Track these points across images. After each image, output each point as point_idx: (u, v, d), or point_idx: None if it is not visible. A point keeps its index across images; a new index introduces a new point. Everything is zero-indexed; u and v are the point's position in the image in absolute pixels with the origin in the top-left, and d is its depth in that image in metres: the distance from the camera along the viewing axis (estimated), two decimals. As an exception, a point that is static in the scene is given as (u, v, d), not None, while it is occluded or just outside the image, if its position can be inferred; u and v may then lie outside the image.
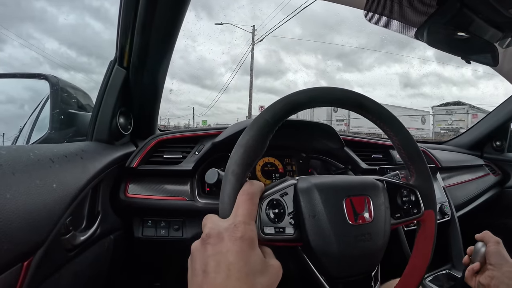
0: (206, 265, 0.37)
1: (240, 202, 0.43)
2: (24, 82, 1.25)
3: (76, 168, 0.70)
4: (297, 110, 0.50)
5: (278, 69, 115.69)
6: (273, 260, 0.42)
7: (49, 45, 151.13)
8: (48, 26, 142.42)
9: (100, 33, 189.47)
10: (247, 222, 0.41)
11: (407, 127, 0.59)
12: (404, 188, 0.59)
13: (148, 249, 1.03)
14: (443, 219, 1.21)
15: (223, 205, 0.44)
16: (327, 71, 65.02)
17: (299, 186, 0.51)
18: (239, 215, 0.41)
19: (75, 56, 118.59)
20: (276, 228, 0.47)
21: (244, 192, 0.44)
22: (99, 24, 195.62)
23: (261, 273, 0.38)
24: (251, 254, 0.39)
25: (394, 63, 47.69)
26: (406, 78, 59.03)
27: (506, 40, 0.62)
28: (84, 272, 0.77)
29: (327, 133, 1.09)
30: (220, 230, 0.40)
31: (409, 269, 0.59)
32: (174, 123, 34.07)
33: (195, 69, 79.73)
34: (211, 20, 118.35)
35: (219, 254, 0.37)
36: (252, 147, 0.46)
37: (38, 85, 1.12)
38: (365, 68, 60.61)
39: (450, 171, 1.52)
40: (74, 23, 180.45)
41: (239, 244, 0.38)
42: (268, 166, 1.14)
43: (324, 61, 67.28)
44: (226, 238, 0.39)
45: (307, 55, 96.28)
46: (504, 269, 0.66)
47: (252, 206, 0.43)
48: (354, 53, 64.82)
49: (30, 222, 0.51)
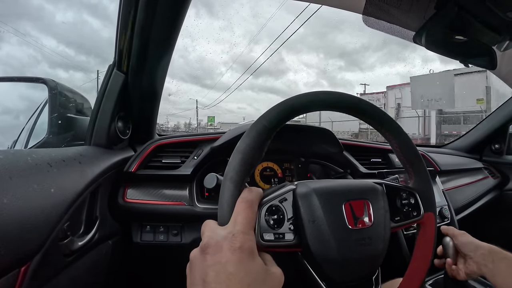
0: (205, 275, 0.37)
1: (239, 210, 0.42)
2: (22, 87, 1.25)
3: (74, 172, 0.69)
4: (295, 114, 0.50)
5: (278, 69, 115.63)
6: (274, 267, 0.42)
7: (46, 42, 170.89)
8: (46, 23, 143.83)
9: (98, 30, 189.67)
10: (246, 232, 0.40)
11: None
12: (403, 191, 0.59)
13: (146, 254, 1.03)
14: (442, 222, 1.21)
15: (222, 212, 0.44)
16: (328, 71, 64.96)
17: (298, 191, 0.50)
18: (238, 224, 0.41)
19: (73, 54, 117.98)
20: (275, 234, 0.47)
21: (243, 199, 0.43)
22: (97, 21, 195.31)
23: (262, 283, 0.38)
24: (251, 264, 0.39)
25: (396, 63, 47.70)
26: (408, 79, 59.96)
27: (504, 43, 0.62)
28: (82, 278, 0.76)
29: (326, 137, 1.09)
30: (218, 239, 0.39)
31: (410, 272, 0.59)
32: (173, 122, 34.06)
33: (194, 68, 79.82)
34: (212, 18, 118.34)
35: (218, 264, 0.37)
36: (250, 154, 0.46)
37: (35, 93, 1.12)
38: (367, 67, 60.29)
39: (449, 174, 1.51)
40: (72, 20, 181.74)
41: (238, 254, 0.38)
42: (267, 170, 1.14)
43: (326, 60, 67.05)
44: (225, 248, 0.38)
45: (308, 54, 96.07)
46: (479, 252, 0.70)
47: (251, 214, 0.43)
48: (356, 52, 64.77)
49: (28, 227, 0.50)
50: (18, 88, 1.27)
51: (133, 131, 1.02)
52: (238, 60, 46.05)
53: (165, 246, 0.96)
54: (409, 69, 62.81)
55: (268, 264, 0.42)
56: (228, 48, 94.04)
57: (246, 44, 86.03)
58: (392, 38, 0.75)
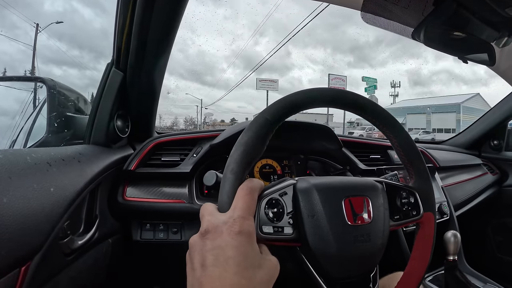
0: (204, 259, 0.38)
1: (239, 196, 0.43)
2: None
3: (74, 171, 0.69)
4: (296, 110, 0.50)
5: (284, 64, 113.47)
6: (270, 256, 0.43)
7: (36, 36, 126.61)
8: (33, 13, 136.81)
9: (91, 21, 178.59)
10: (246, 217, 0.41)
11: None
12: (403, 190, 0.59)
13: (146, 252, 1.03)
14: (442, 218, 1.21)
15: (221, 201, 0.44)
16: (335, 67, 63.04)
17: (299, 186, 0.51)
18: (237, 209, 0.41)
19: (65, 49, 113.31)
20: (274, 228, 0.47)
21: (244, 186, 0.44)
22: (89, 10, 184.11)
23: (259, 267, 0.39)
24: (250, 249, 0.39)
25: (409, 59, 45.95)
26: (417, 76, 57.80)
27: (503, 39, 0.62)
28: (82, 277, 0.76)
29: (325, 134, 1.09)
30: (218, 224, 0.40)
31: (408, 271, 0.59)
32: (171, 119, 33.91)
33: (194, 64, 78.14)
34: (215, 4, 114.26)
35: (217, 248, 0.38)
36: (252, 146, 0.46)
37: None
38: (378, 63, 57.68)
39: (449, 170, 1.52)
40: (62, 10, 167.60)
41: (237, 238, 0.38)
42: (266, 167, 1.14)
43: (334, 55, 65.02)
44: (225, 233, 0.39)
45: (315, 49, 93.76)
46: None
47: (252, 201, 0.43)
48: (369, 46, 62.49)
49: (28, 227, 0.50)
50: (16, 87, 1.27)
51: (132, 129, 1.02)
52: (241, 55, 45.43)
53: (165, 244, 0.96)
54: (421, 65, 60.52)
55: (264, 253, 0.43)
56: (231, 41, 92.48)
57: (250, 36, 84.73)
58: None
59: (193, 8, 9.51)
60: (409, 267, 0.59)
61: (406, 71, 53.66)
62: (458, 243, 0.83)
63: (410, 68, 42.00)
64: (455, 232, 0.84)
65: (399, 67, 70.92)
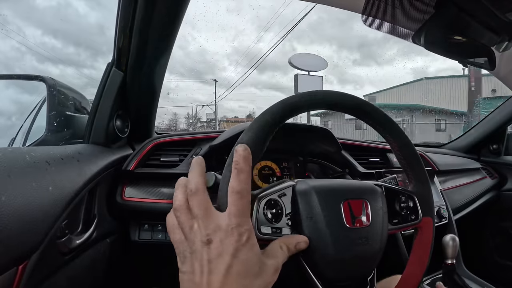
0: (203, 266, 0.38)
1: (230, 202, 0.41)
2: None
3: (73, 171, 0.69)
4: (296, 113, 0.50)
5: (287, 62, 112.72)
6: (272, 260, 0.42)
7: (29, 32, 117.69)
8: (24, 8, 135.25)
9: (85, 16, 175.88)
10: (241, 224, 0.40)
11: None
12: (402, 194, 0.59)
13: (144, 252, 1.03)
14: (440, 222, 1.21)
15: (221, 202, 0.43)
16: (340, 65, 61.50)
17: (298, 188, 0.51)
18: (232, 217, 0.40)
19: (61, 46, 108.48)
20: (273, 229, 0.47)
21: (232, 190, 0.42)
22: (82, 3, 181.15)
23: (258, 274, 0.39)
24: (250, 255, 0.39)
25: (417, 56, 44.91)
26: (423, 74, 57.31)
27: (503, 44, 0.62)
28: (80, 276, 0.76)
29: (325, 136, 1.09)
30: (216, 230, 0.40)
31: (406, 275, 0.59)
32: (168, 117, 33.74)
33: (195, 62, 76.95)
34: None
35: (218, 257, 0.38)
36: (252, 146, 0.46)
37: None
38: (385, 61, 56.06)
39: (448, 174, 1.52)
40: (55, 4, 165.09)
41: (237, 247, 0.39)
42: (265, 169, 1.14)
43: (339, 53, 63.52)
44: (225, 241, 0.39)
45: (321, 45, 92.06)
46: None
47: (245, 204, 0.42)
48: (377, 42, 60.99)
49: (26, 225, 0.50)
50: (14, 86, 1.27)
51: (132, 130, 1.02)
52: (243, 52, 45.01)
53: (163, 245, 0.96)
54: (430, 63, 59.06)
55: (265, 256, 0.42)
56: (233, 37, 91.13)
57: (253, 31, 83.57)
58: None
59: (194, 4, 9.32)
60: (407, 272, 0.59)
61: (412, 68, 52.66)
62: (457, 247, 0.83)
63: (417, 66, 41.52)
64: (454, 236, 0.84)
65: (405, 65, 70.12)
